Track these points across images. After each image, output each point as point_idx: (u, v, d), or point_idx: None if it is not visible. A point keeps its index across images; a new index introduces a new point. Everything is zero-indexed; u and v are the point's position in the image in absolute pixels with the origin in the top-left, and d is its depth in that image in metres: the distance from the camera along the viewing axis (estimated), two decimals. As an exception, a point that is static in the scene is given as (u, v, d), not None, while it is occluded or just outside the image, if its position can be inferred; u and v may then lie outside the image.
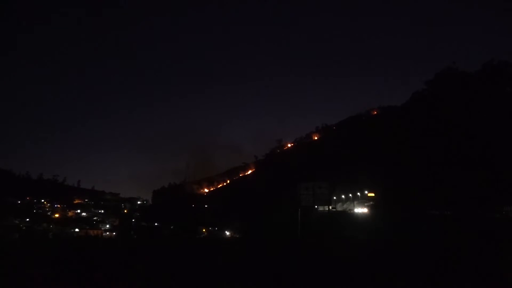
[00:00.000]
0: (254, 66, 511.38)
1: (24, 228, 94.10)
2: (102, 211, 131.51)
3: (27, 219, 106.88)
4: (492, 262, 13.90)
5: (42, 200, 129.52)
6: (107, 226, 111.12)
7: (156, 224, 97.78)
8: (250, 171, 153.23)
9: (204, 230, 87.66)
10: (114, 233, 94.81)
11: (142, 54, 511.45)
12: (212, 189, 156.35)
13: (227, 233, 76.49)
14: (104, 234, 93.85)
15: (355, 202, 68.15)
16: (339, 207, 70.42)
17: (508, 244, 17.88)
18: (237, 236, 63.65)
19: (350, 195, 71.06)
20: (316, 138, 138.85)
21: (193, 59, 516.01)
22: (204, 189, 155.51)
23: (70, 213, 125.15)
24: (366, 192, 63.44)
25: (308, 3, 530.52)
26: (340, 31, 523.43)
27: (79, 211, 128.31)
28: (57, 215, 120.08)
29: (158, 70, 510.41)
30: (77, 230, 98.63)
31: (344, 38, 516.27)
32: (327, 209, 50.40)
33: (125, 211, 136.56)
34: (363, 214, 54.93)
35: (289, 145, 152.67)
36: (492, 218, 33.65)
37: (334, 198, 64.40)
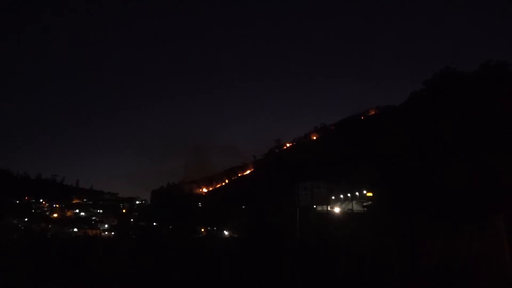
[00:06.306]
0: (252, 66, 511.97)
1: (22, 228, 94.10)
2: (101, 211, 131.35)
3: (26, 219, 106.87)
4: (487, 263, 13.95)
5: (41, 200, 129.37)
6: (106, 226, 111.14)
7: (155, 224, 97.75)
8: (249, 171, 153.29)
9: (203, 229, 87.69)
10: (112, 233, 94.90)
11: (141, 54, 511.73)
12: (211, 188, 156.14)
13: (226, 232, 76.53)
14: (102, 234, 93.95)
15: (354, 202, 68.32)
16: (338, 207, 70.59)
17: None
18: (236, 235, 63.72)
19: (349, 194, 71.21)
20: (314, 138, 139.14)
21: (192, 59, 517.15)
22: (203, 189, 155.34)
23: (68, 213, 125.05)
24: (364, 191, 63.59)
25: (307, 3, 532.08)
26: (338, 31, 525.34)
27: (77, 211, 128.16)
28: (55, 215, 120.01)
29: (157, 70, 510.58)
30: (75, 230, 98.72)
31: (342, 38, 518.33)
32: (325, 209, 50.32)
33: (124, 211, 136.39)
34: (361, 214, 55.14)
35: (287, 145, 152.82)
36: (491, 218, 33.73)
37: (333, 197, 64.52)
